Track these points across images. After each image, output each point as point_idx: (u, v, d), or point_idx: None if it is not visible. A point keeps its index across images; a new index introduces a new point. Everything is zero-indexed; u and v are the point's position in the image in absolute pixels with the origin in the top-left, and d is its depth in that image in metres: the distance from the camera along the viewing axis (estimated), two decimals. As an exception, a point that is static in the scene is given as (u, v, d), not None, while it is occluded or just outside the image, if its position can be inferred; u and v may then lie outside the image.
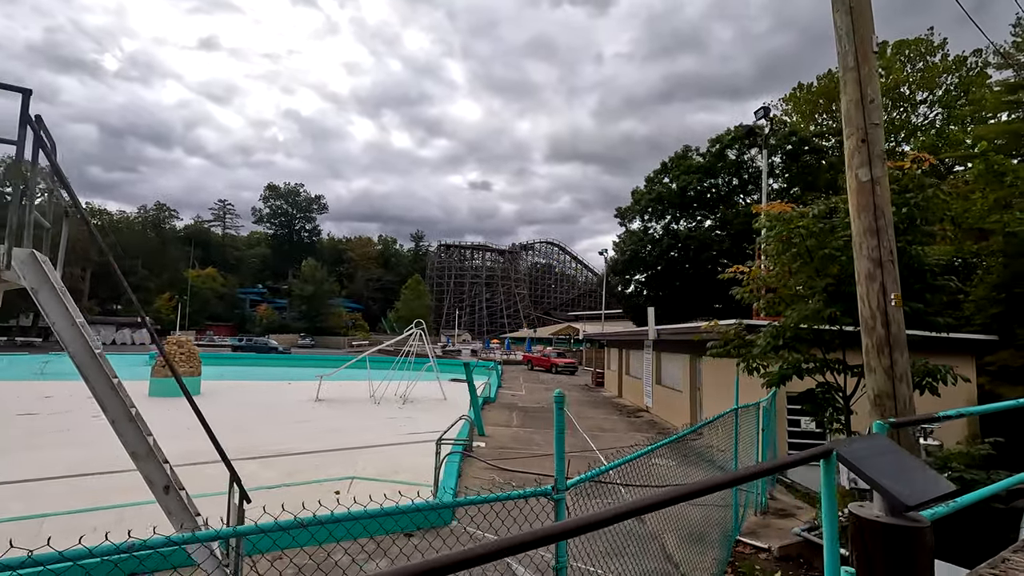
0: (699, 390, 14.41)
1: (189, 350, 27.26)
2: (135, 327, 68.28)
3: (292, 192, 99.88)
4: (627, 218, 47.39)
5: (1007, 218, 17.89)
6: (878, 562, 1.81)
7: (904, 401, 4.03)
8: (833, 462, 1.92)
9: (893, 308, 4.06)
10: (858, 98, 4.41)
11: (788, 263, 5.18)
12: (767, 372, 5.72)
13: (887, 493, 1.80)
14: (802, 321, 4.96)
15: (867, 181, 4.24)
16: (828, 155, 41.20)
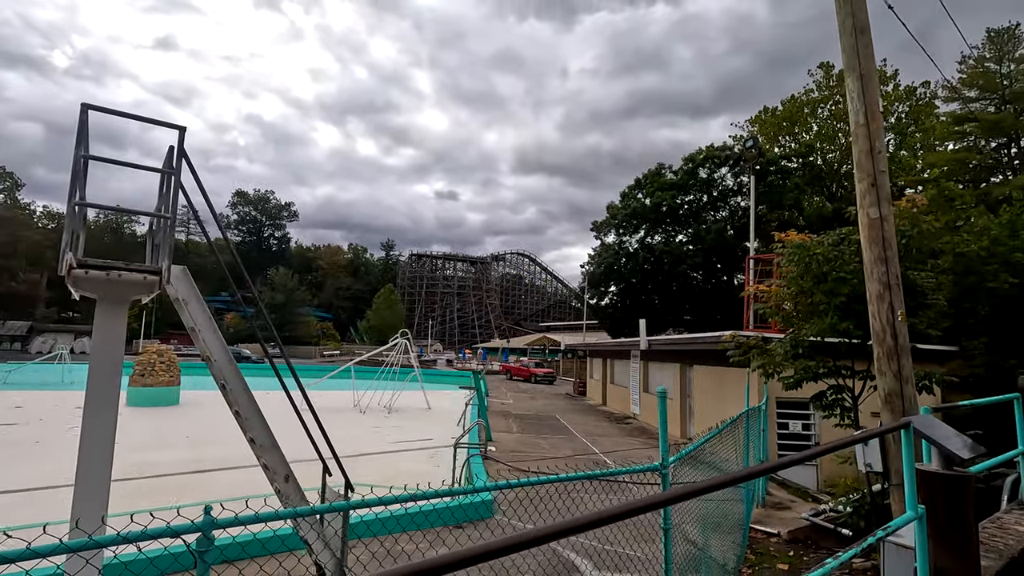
0: (689, 398, 15.38)
1: (169, 359, 26.91)
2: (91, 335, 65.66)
3: (261, 199, 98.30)
4: (603, 232, 48.84)
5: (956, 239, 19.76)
6: (940, 503, 2.61)
7: (909, 399, 4.93)
8: (911, 431, 2.72)
9: (899, 323, 4.98)
10: (868, 149, 5.36)
11: (805, 284, 6.10)
12: (784, 376, 6.65)
13: (945, 451, 2.60)
14: (818, 333, 5.88)
15: (876, 218, 5.18)
16: (792, 176, 43.53)
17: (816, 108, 51.15)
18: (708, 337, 13.35)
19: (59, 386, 30.13)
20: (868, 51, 5.54)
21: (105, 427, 4.16)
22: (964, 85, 30.97)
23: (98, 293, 4.28)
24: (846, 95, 5.62)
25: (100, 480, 4.06)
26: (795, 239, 6.44)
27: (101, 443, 4.12)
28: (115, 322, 4.32)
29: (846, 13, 5.63)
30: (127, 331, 18.64)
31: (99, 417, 4.15)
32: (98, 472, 4.05)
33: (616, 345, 23.56)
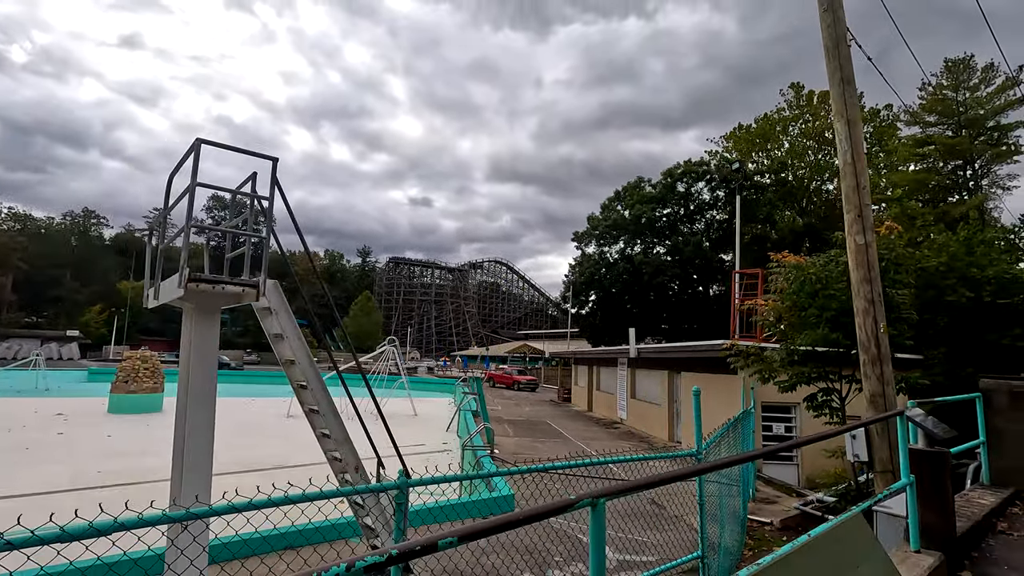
0: (677, 403, 16.28)
1: (153, 365, 26.72)
2: (62, 341, 63.96)
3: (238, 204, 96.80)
4: (584, 242, 50.04)
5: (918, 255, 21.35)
6: (925, 473, 3.41)
7: (890, 399, 5.80)
8: (904, 418, 3.51)
9: (882, 334, 5.85)
10: (855, 185, 6.27)
11: (800, 300, 6.98)
12: (778, 380, 7.50)
13: (928, 432, 3.39)
14: (811, 343, 6.74)
15: (862, 244, 6.06)
16: (766, 191, 45.42)
17: (787, 126, 53.44)
18: (697, 346, 14.27)
19: (34, 393, 29.52)
20: (853, 100, 6.47)
21: (206, 421, 4.70)
22: (924, 110, 33.08)
23: (195, 303, 4.84)
24: (835, 136, 6.53)
25: (203, 466, 4.61)
26: (791, 260, 7.35)
27: (202, 435, 4.67)
28: (210, 329, 4.88)
29: (834, 67, 6.55)
30: (97, 337, 19.28)
31: (200, 414, 4.69)
32: (202, 460, 4.60)
33: (603, 353, 24.46)
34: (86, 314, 71.16)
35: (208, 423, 4.72)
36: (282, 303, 4.96)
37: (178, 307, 5.38)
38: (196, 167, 4.57)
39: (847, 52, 6.52)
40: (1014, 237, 20.40)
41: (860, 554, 2.08)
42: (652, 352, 17.34)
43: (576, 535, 7.50)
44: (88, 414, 23.00)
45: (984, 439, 5.47)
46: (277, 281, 4.97)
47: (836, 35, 6.53)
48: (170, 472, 4.69)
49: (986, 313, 10.04)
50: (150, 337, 78.56)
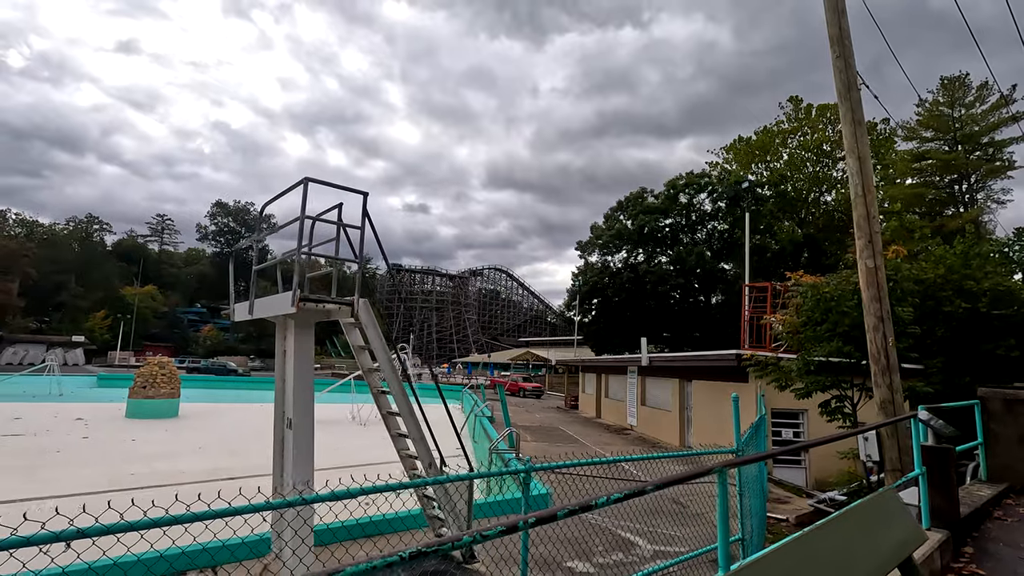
0: (688, 410, 17.00)
1: (171, 372, 27.25)
2: (67, 346, 64.35)
3: (242, 210, 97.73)
4: (587, 251, 50.88)
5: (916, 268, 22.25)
6: (934, 464, 4.14)
7: (898, 405, 6.54)
8: (918, 419, 4.25)
9: (890, 347, 6.61)
10: (865, 214, 7.04)
11: (815, 315, 7.73)
12: (795, 388, 8.24)
13: (937, 430, 4.12)
14: (826, 354, 7.49)
15: (872, 268, 6.83)
16: (766, 203, 46.37)
17: (786, 138, 54.50)
18: (708, 355, 15.03)
19: (50, 398, 29.94)
20: (864, 139, 7.26)
21: (307, 420, 5.41)
22: (921, 126, 34.11)
23: (296, 318, 5.55)
24: (847, 170, 7.32)
25: (306, 459, 5.31)
26: (808, 280, 8.12)
27: (305, 432, 5.38)
28: (308, 340, 5.61)
29: (846, 109, 7.35)
30: (101, 342, 20.18)
31: (303, 414, 5.40)
32: (305, 453, 5.31)
33: (613, 361, 25.18)
34: (90, 320, 71.63)
35: (309, 421, 5.44)
36: (371, 319, 5.68)
37: (272, 320, 6.09)
38: (305, 201, 5.29)
39: (858, 96, 7.32)
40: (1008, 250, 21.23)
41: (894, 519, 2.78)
42: (663, 361, 18.08)
43: (612, 529, 8.19)
44: (107, 419, 23.38)
45: (982, 440, 6.21)
46: (367, 300, 5.68)
47: (848, 81, 7.33)
48: (205, 474, 5.34)
49: (982, 324, 10.61)
50: (154, 343, 79.05)
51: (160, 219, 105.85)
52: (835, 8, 7.54)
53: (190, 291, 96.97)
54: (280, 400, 5.76)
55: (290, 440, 5.36)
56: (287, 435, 5.53)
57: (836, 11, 7.53)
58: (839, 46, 7.46)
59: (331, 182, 5.55)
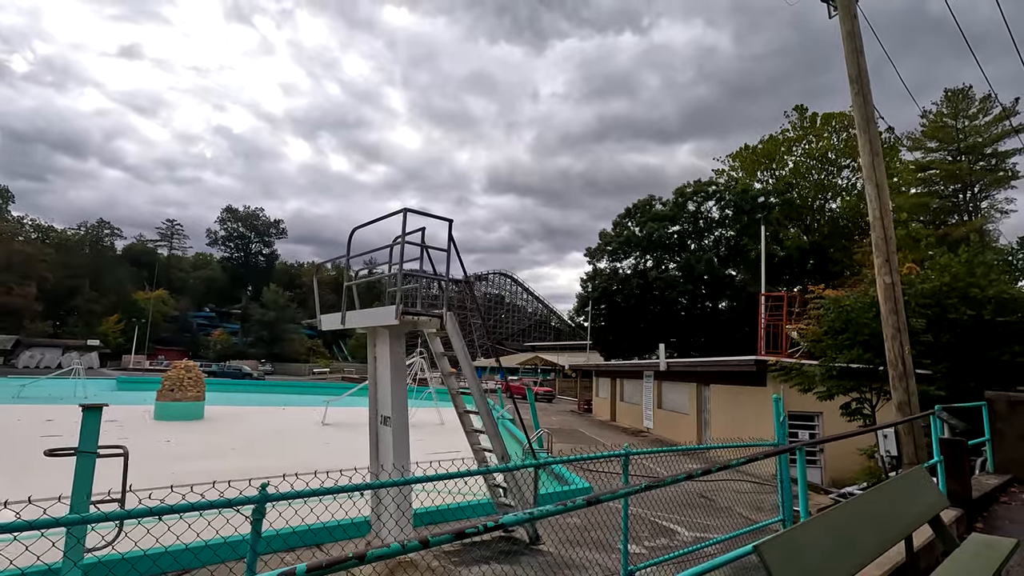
0: (705, 412, 17.80)
1: (196, 375, 27.98)
2: (83, 350, 65.28)
3: (251, 216, 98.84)
4: (596, 257, 51.78)
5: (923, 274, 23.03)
6: (949, 454, 4.96)
7: (914, 406, 7.36)
8: (936, 417, 5.07)
9: (907, 354, 7.44)
10: (883, 236, 7.88)
11: (836, 325, 8.55)
12: (817, 391, 9.05)
13: (951, 425, 4.93)
14: (847, 361, 8.30)
15: (890, 283, 7.67)
16: (772, 211, 47.20)
17: (791, 147, 55.33)
18: (726, 360, 15.85)
19: (74, 400, 30.49)
20: (881, 168, 8.11)
21: (403, 417, 6.26)
22: (926, 137, 34.97)
23: (392, 329, 6.41)
24: (866, 196, 8.16)
25: (403, 451, 6.14)
26: (830, 294, 8.95)
27: (402, 428, 6.21)
28: (401, 346, 6.47)
29: (865, 141, 8.20)
30: (115, 346, 21.49)
31: (399, 411, 6.25)
32: (402, 446, 6.14)
33: (629, 366, 26.01)
34: (103, 324, 72.64)
35: (404, 417, 6.28)
36: (456, 329, 6.53)
37: (363, 330, 6.94)
38: (404, 227, 6.15)
39: (875, 130, 8.18)
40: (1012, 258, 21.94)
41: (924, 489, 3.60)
42: (681, 366, 18.90)
43: (652, 519, 9.01)
44: (136, 421, 23.91)
45: (989, 437, 7.02)
46: (452, 312, 6.53)
47: (867, 116, 8.19)
48: (247, 472, 6.05)
49: (986, 330, 11.11)
50: (165, 347, 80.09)
51: (169, 224, 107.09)
52: (854, 49, 8.41)
53: (198, 295, 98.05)
54: (374, 400, 6.60)
55: (387, 435, 6.20)
56: (382, 431, 6.37)
57: (855, 52, 8.39)
58: (858, 84, 8.32)
59: (424, 211, 6.41)
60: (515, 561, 6.49)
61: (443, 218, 6.50)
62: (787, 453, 6.72)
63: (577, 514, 8.82)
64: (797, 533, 2.50)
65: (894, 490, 3.50)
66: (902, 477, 3.70)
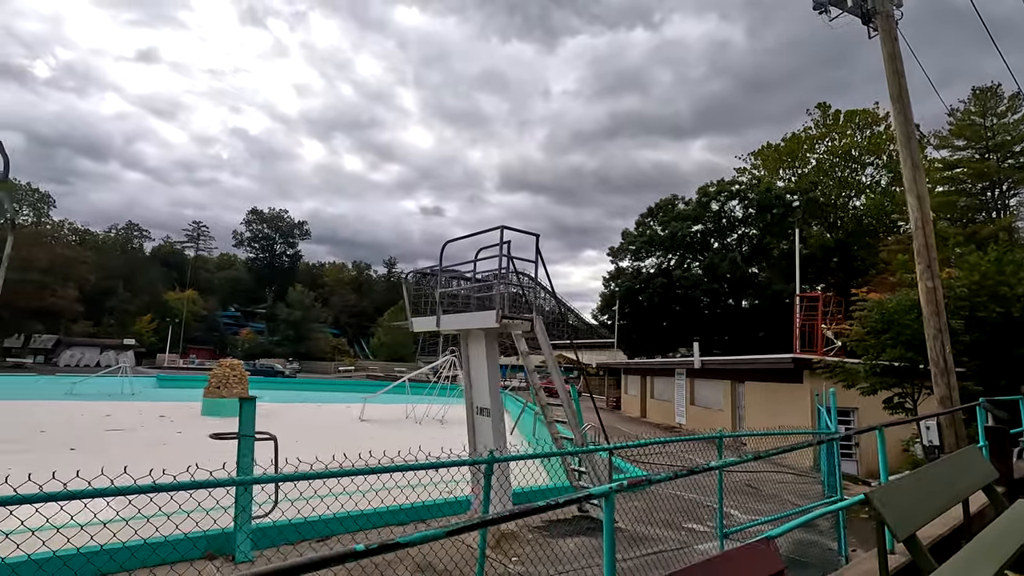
0: (740, 408, 18.49)
1: (240, 373, 29.16)
2: (119, 349, 67.63)
3: (276, 217, 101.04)
4: (619, 257, 52.42)
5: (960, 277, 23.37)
6: (994, 439, 5.70)
7: (955, 400, 8.06)
8: (980, 408, 5.82)
9: (948, 353, 8.14)
10: (924, 243, 8.59)
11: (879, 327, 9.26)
12: (860, 387, 9.76)
13: (994, 414, 5.67)
14: (890, 359, 9.00)
15: (932, 288, 8.37)
16: (795, 209, 47.38)
17: (814, 144, 55.29)
18: (762, 358, 16.55)
19: (122, 397, 31.60)
20: (922, 181, 8.81)
21: (499, 408, 7.13)
22: (953, 135, 35.02)
23: (487, 332, 7.29)
24: (908, 207, 8.87)
25: (500, 434, 7.03)
26: (873, 296, 9.65)
27: (499, 417, 7.10)
28: (495, 347, 7.34)
29: (906, 155, 8.90)
30: (148, 345, 23.07)
31: (496, 404, 7.13)
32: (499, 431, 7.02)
33: (660, 364, 26.74)
34: (137, 323, 75.04)
35: (500, 408, 7.16)
36: (543, 331, 7.40)
37: (455, 333, 7.84)
38: (502, 243, 7.02)
39: (916, 145, 8.87)
40: (1041, 257, 22.08)
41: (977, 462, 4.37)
42: (716, 363, 19.60)
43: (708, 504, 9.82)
44: (186, 416, 24.94)
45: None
46: (541, 317, 7.40)
47: (908, 132, 8.89)
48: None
49: (1015, 328, 11.53)
50: (196, 346, 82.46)
51: (196, 225, 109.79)
52: (895, 71, 9.10)
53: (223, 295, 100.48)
54: (469, 394, 7.50)
55: (485, 423, 7.10)
56: (479, 420, 7.27)
57: (896, 73, 9.08)
58: (899, 103, 9.01)
59: (520, 228, 7.28)
60: (595, 536, 7.33)
61: (531, 232, 7.36)
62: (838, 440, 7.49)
63: (640, 498, 9.67)
64: (891, 487, 3.33)
65: (953, 463, 4.30)
66: (958, 454, 4.50)
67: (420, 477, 4.35)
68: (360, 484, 7.81)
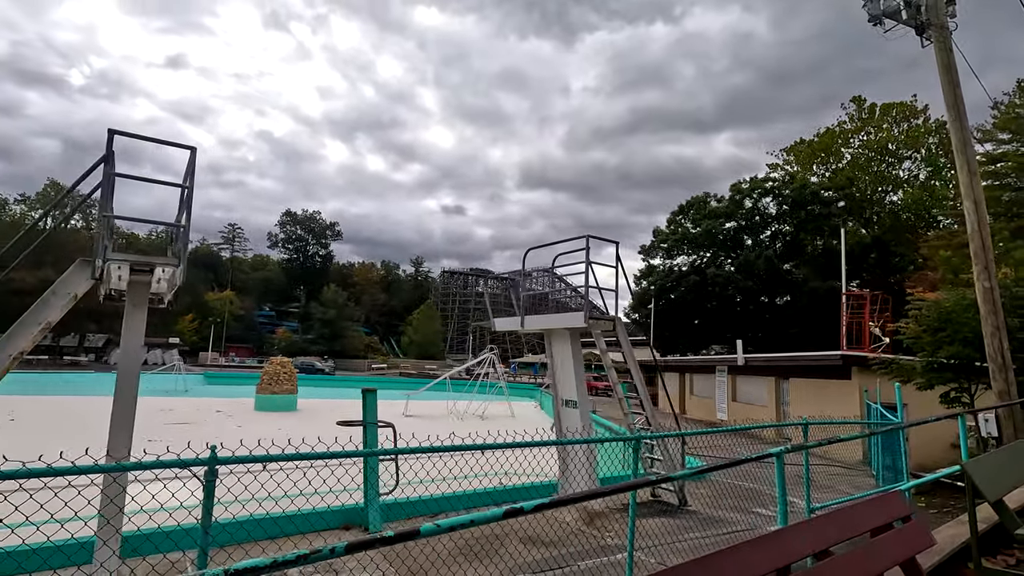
0: (785, 405, 18.88)
1: (290, 371, 30.42)
2: (165, 347, 70.56)
3: (309, 219, 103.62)
4: (651, 255, 52.68)
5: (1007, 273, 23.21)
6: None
7: (1013, 395, 8.51)
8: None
9: (1006, 350, 8.58)
10: (981, 246, 9.02)
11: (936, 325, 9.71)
12: (917, 382, 10.22)
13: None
14: (948, 356, 9.46)
15: (989, 288, 8.81)
16: (832, 205, 46.90)
17: (848, 139, 54.53)
18: (808, 356, 16.95)
19: (176, 393, 33.09)
20: (979, 186, 9.24)
21: (585, 399, 7.87)
22: (997, 128, 34.35)
23: (572, 331, 8.03)
24: (965, 211, 9.30)
25: (588, 421, 7.75)
26: (930, 296, 10.09)
27: (585, 406, 7.83)
28: (579, 345, 8.07)
29: (963, 162, 9.33)
30: (191, 344, 24.58)
31: (582, 396, 7.87)
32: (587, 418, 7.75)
33: (700, 361, 27.17)
34: (180, 323, 78.09)
35: (585, 399, 7.90)
36: (623, 330, 8.11)
37: (538, 332, 8.60)
38: (588, 252, 7.75)
39: (972, 152, 9.30)
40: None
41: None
42: (759, 360, 20.02)
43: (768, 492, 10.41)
44: (241, 411, 25.96)
45: (1082, 421, 8.13)
46: (621, 317, 8.11)
47: (964, 139, 9.32)
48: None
49: None
50: (236, 344, 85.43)
51: (231, 228, 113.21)
52: (950, 81, 9.52)
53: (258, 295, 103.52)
54: (556, 387, 8.25)
55: (572, 414, 7.83)
56: (565, 411, 8.01)
57: (952, 84, 9.51)
58: (955, 111, 9.44)
59: (601, 236, 7.99)
60: (672, 517, 8.01)
61: (611, 240, 8.07)
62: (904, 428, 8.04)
63: (705, 486, 10.33)
64: (983, 459, 3.97)
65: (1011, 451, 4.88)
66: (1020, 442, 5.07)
67: (509, 463, 5.01)
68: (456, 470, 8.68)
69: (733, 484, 10.87)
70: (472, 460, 4.68)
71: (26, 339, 4.13)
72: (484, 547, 5.84)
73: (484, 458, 4.45)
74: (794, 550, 2.33)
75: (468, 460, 4.67)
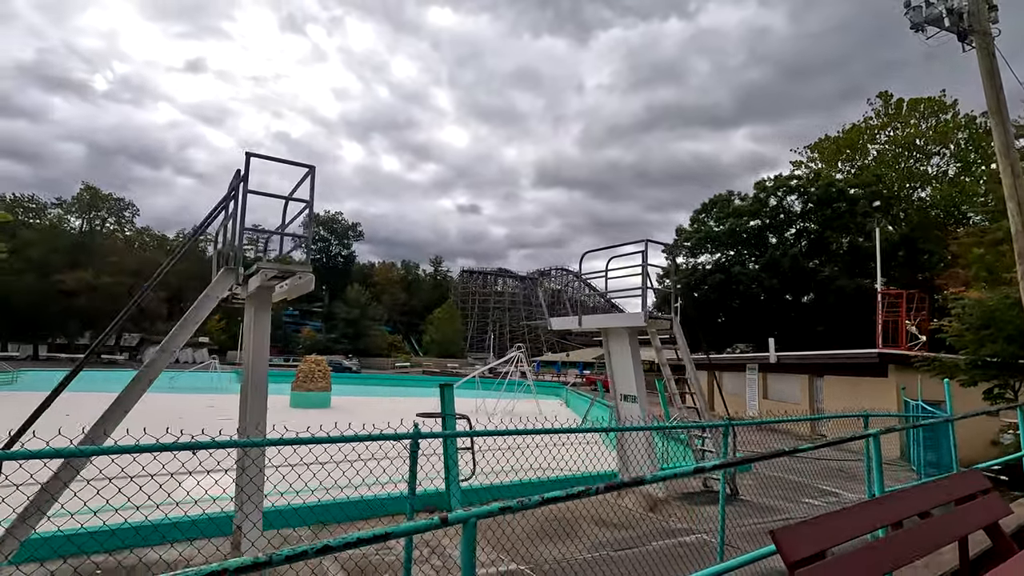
0: (818, 402, 19.10)
1: (324, 369, 31.29)
2: (195, 347, 72.46)
3: (331, 220, 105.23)
4: (674, 254, 52.71)
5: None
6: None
7: (1057, 390, 8.80)
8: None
9: (1050, 347, 8.87)
10: None
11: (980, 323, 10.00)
12: (960, 378, 10.51)
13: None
14: (992, 354, 9.74)
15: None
16: (859, 203, 46.45)
17: (875, 134, 53.90)
18: (843, 353, 17.17)
19: (212, 390, 34.19)
20: (1022, 187, 9.50)
21: (643, 393, 8.34)
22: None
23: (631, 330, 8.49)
24: (1008, 212, 9.57)
25: (645, 414, 8.23)
26: (972, 296, 10.36)
27: (643, 400, 8.30)
28: (636, 344, 8.54)
29: (1006, 164, 9.60)
30: (221, 343, 25.77)
31: (640, 391, 8.34)
32: (644, 409, 8.22)
33: (731, 359, 27.39)
34: (208, 323, 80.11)
35: (643, 393, 8.38)
36: (679, 328, 8.57)
37: (595, 332, 9.09)
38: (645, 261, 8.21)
39: (1016, 155, 9.56)
40: None
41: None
42: (792, 358, 20.25)
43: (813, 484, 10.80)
44: (277, 408, 26.73)
45: None
46: (678, 318, 8.58)
47: (1007, 142, 9.59)
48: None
49: None
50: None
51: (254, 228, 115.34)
52: (993, 85, 9.79)
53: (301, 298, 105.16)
54: (613, 382, 8.74)
55: (632, 407, 8.32)
56: (623, 405, 8.50)
57: (994, 87, 9.78)
58: (998, 116, 9.71)
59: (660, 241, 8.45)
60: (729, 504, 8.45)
61: (668, 244, 8.52)
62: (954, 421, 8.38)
63: (750, 477, 10.74)
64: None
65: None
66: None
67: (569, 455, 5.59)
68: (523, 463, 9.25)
69: (778, 477, 11.26)
70: (537, 452, 5.28)
71: (187, 334, 4.78)
72: (563, 527, 6.37)
73: (548, 452, 5.04)
74: (902, 510, 2.81)
75: (534, 452, 5.24)
